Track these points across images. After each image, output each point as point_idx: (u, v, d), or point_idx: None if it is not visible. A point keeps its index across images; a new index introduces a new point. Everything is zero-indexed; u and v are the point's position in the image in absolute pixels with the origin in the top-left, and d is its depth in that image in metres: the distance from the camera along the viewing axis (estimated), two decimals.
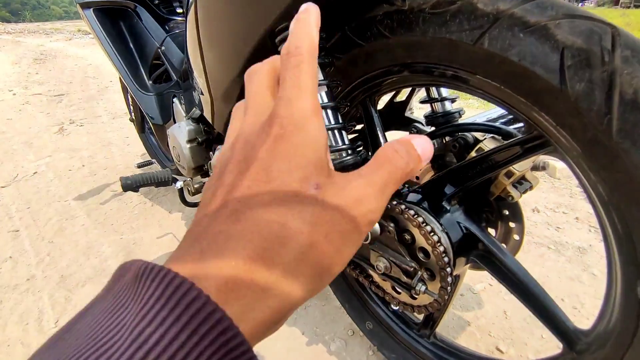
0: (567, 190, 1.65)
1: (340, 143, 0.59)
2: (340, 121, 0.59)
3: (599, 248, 1.27)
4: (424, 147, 0.25)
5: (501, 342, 0.97)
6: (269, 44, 0.59)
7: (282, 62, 0.26)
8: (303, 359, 0.99)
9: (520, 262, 0.62)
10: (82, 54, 7.88)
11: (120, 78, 1.80)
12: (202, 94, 0.91)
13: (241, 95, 0.76)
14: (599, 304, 0.53)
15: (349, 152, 0.59)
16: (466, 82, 0.53)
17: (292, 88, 0.24)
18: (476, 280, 1.18)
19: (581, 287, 1.13)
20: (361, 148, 0.61)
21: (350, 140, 0.60)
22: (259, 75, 0.28)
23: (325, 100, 0.58)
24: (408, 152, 0.25)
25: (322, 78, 0.57)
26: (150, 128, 1.80)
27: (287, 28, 0.56)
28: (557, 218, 1.47)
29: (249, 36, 0.60)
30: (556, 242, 1.33)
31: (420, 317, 0.85)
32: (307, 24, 0.26)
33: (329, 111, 0.59)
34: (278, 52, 0.59)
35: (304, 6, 0.28)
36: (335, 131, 0.59)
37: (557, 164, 1.97)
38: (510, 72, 0.45)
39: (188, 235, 0.23)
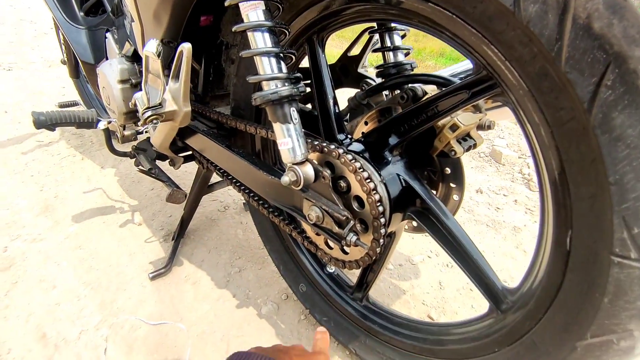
0: (510, 175, 1.71)
1: (275, 71, 0.52)
2: (278, 46, 0.52)
3: (533, 228, 1.32)
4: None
5: (433, 310, 0.98)
6: None
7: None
8: (231, 322, 0.93)
9: None
10: None
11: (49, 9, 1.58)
12: (132, 20, 0.79)
13: (173, 16, 0.66)
14: None
15: (286, 83, 0.52)
16: (418, 14, 0.48)
17: None
18: (416, 252, 1.18)
19: (513, 262, 1.16)
20: (300, 82, 0.55)
21: (289, 71, 0.53)
22: None
23: (262, 18, 0.50)
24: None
25: None
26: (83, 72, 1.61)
27: None
28: (498, 200, 1.51)
29: None
30: (494, 221, 1.36)
31: (354, 281, 0.82)
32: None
33: (266, 33, 0.51)
34: None
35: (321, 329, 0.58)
36: (271, 57, 0.52)
37: (504, 151, 2.00)
38: None
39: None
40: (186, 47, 0.58)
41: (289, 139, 0.54)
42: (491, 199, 1.52)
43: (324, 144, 0.57)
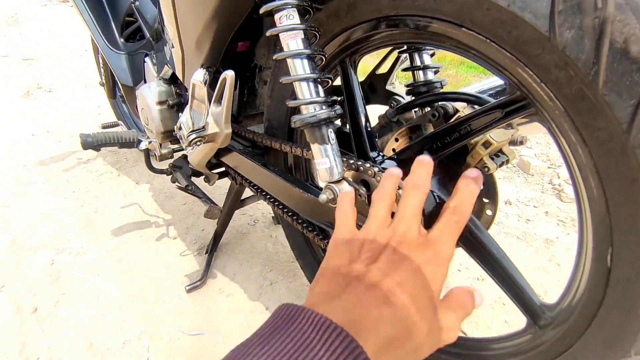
0: (539, 186, 1.68)
1: (314, 95, 0.55)
2: (316, 72, 0.55)
3: (565, 241, 1.29)
4: (479, 300, 0.37)
5: (465, 324, 0.97)
6: None
7: (446, 211, 0.40)
8: None
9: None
10: (57, 21, 7.48)
11: (90, 36, 1.69)
12: (172, 46, 0.85)
13: (213, 45, 0.71)
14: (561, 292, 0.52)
15: (323, 106, 0.55)
16: (450, 37, 0.50)
17: (448, 234, 0.37)
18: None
19: (547, 276, 1.14)
20: (337, 104, 0.58)
21: (325, 95, 0.56)
22: (420, 194, 0.40)
23: (301, 47, 0.54)
24: (472, 302, 0.36)
25: (299, 22, 0.53)
26: (121, 94, 1.71)
27: None
28: (528, 211, 1.48)
29: None
30: (525, 233, 1.34)
31: None
32: (472, 195, 0.40)
33: (305, 60, 0.55)
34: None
35: (473, 172, 0.41)
36: (310, 82, 0.55)
37: (532, 161, 1.98)
38: (498, 20, 0.42)
39: (334, 279, 0.34)
40: (229, 75, 0.62)
41: (326, 159, 0.56)
42: (521, 210, 1.49)
43: (359, 163, 0.59)
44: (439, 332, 0.32)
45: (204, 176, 1.08)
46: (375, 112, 0.87)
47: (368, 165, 0.58)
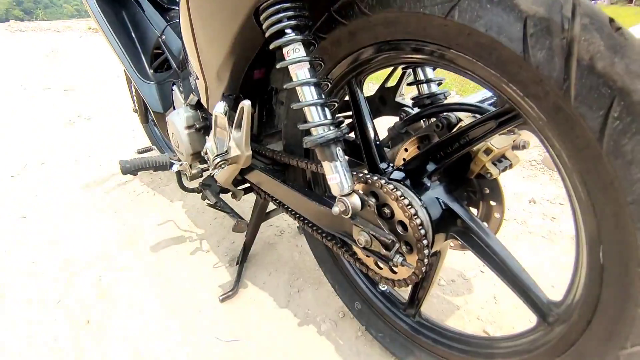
0: None
1: (322, 118, 0.61)
2: (323, 97, 0.61)
3: None
4: None
5: (489, 325, 0.99)
6: (253, 21, 0.61)
7: None
8: (293, 340, 1.01)
9: (506, 245, 0.63)
10: (91, 50, 8.00)
11: (123, 69, 1.84)
12: (197, 78, 0.93)
13: (232, 75, 0.79)
14: None
15: (331, 127, 0.61)
16: (442, 57, 0.54)
17: None
18: (468, 268, 1.19)
19: None
20: (343, 124, 0.63)
21: (332, 116, 0.62)
22: None
23: (308, 76, 0.60)
24: None
25: (305, 55, 0.59)
26: (152, 118, 1.84)
27: (270, 6, 0.58)
28: (553, 209, 1.47)
29: (235, 15, 0.62)
30: (550, 232, 1.33)
31: (406, 297, 0.86)
32: None
33: (312, 87, 0.61)
34: (262, 30, 0.61)
35: None
36: (318, 107, 0.61)
37: None
38: (479, 43, 0.46)
39: None
40: (246, 104, 0.69)
41: (336, 175, 0.62)
42: (545, 208, 1.48)
43: (368, 176, 0.64)
44: None
45: (231, 192, 1.16)
46: (385, 124, 0.92)
47: (376, 178, 0.63)
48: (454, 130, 0.67)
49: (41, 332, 1.09)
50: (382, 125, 0.98)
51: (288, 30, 0.59)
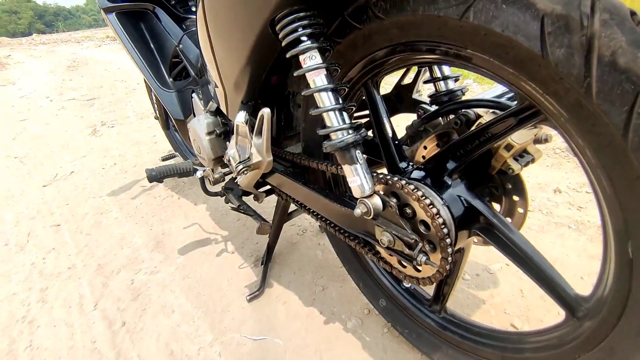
0: None
1: (341, 123, 0.62)
2: (340, 102, 0.62)
3: None
4: None
5: (516, 319, 0.98)
6: (270, 31, 0.62)
7: None
8: (320, 337, 1.03)
9: (531, 239, 0.63)
10: (110, 59, 8.23)
11: (143, 78, 1.89)
12: (216, 86, 0.96)
13: (250, 84, 0.80)
14: None
15: (350, 131, 0.62)
16: (458, 56, 0.54)
17: None
18: (493, 261, 1.18)
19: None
20: (362, 128, 0.64)
21: (350, 120, 0.63)
22: None
23: (325, 82, 0.61)
24: None
25: (321, 61, 0.61)
26: (173, 124, 1.89)
27: (285, 16, 0.59)
28: (580, 198, 1.43)
29: (252, 26, 0.63)
30: (577, 221, 1.30)
31: (431, 293, 0.87)
32: None
33: (330, 93, 0.62)
34: (279, 40, 0.63)
35: None
36: (336, 112, 0.62)
37: None
38: (496, 43, 0.46)
39: None
40: (266, 112, 0.71)
41: (357, 177, 0.63)
42: (572, 197, 1.44)
43: (388, 177, 0.65)
44: None
45: (253, 195, 1.19)
46: (404, 122, 0.92)
47: (396, 178, 0.64)
48: (473, 127, 0.67)
49: (81, 335, 1.15)
50: (401, 123, 0.99)
51: (304, 39, 0.60)
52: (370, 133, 1.05)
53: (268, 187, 1.15)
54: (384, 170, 0.77)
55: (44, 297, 1.33)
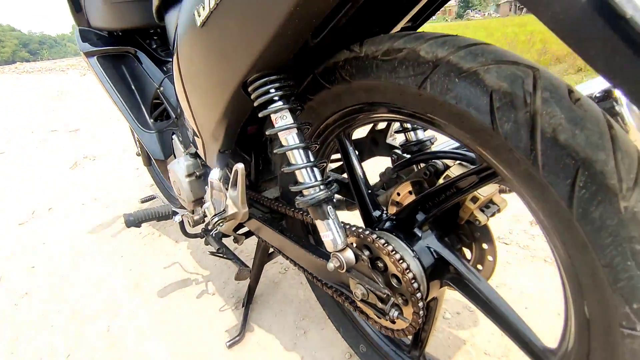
0: None
1: (312, 180, 0.64)
2: (312, 159, 0.64)
3: None
4: None
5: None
6: (242, 93, 0.65)
7: None
8: None
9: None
10: (94, 88, 8.22)
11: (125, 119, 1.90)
12: (195, 135, 0.97)
13: (227, 135, 0.82)
14: None
15: (321, 187, 0.64)
16: (420, 118, 0.57)
17: None
18: None
19: None
20: (334, 184, 0.66)
21: (322, 176, 0.64)
22: None
23: (297, 141, 0.63)
24: None
25: (292, 121, 0.63)
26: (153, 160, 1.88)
27: (257, 79, 0.62)
28: None
29: (224, 87, 0.66)
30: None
31: (410, 337, 0.87)
32: None
33: (301, 151, 0.64)
34: (252, 100, 0.65)
35: None
36: (308, 169, 0.64)
37: None
38: (452, 112, 0.49)
39: None
40: (240, 168, 0.73)
41: (329, 232, 0.64)
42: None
43: (360, 230, 0.66)
44: None
45: (233, 237, 1.18)
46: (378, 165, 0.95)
47: (367, 232, 0.65)
48: (441, 178, 0.70)
49: None
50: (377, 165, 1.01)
51: (275, 99, 0.63)
52: (345, 175, 1.08)
53: (247, 229, 1.15)
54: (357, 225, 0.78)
55: (14, 349, 1.27)
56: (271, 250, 1.25)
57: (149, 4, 1.31)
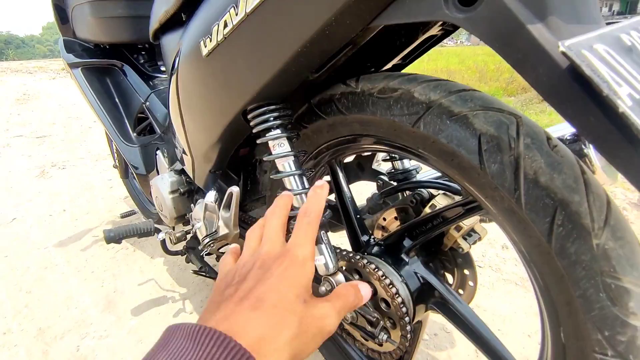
0: None
1: None
2: (307, 186, 0.67)
3: None
4: (365, 292, 0.47)
5: None
6: (242, 120, 0.67)
7: (299, 217, 0.47)
8: None
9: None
10: (65, 93, 7.95)
11: (105, 130, 1.86)
12: (184, 153, 0.98)
13: (219, 157, 0.84)
14: None
15: None
16: (411, 152, 0.61)
17: (302, 237, 0.44)
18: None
19: None
20: (327, 209, 0.68)
21: None
22: (277, 219, 0.48)
23: (293, 168, 0.65)
24: (356, 294, 0.45)
25: (290, 149, 0.65)
26: (133, 174, 1.85)
27: (257, 108, 0.64)
28: None
29: (225, 113, 0.68)
30: (523, 278, 1.40)
31: None
32: (320, 198, 0.49)
33: (296, 177, 0.66)
34: (250, 127, 0.67)
35: (319, 182, 0.51)
36: (303, 195, 0.66)
37: None
38: (443, 150, 0.53)
39: (212, 306, 0.39)
40: (235, 191, 0.74)
41: (322, 257, 0.66)
42: (517, 254, 1.56)
43: (351, 255, 0.69)
44: (312, 320, 0.38)
45: (216, 256, 1.18)
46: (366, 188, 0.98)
47: (358, 257, 0.68)
48: (427, 207, 0.74)
49: None
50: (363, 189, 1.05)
51: (274, 127, 0.65)
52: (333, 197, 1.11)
53: None
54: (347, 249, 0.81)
55: None
56: None
57: (139, 21, 1.32)
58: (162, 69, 1.47)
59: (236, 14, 0.52)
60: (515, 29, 0.38)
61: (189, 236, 1.28)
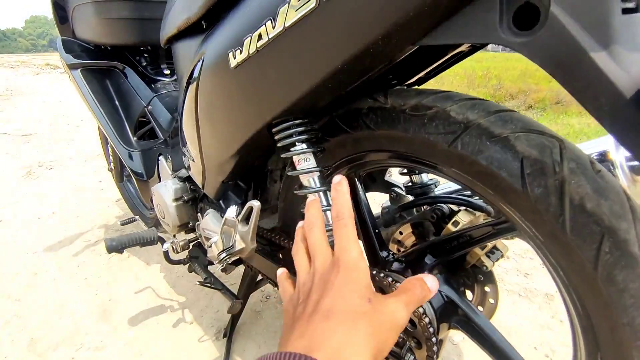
0: None
1: (331, 221, 0.64)
2: (330, 203, 0.65)
3: None
4: (432, 284, 0.45)
5: None
6: (266, 133, 0.65)
7: (334, 222, 0.47)
8: None
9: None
10: (50, 89, 7.75)
11: (99, 130, 1.81)
12: (193, 160, 0.95)
13: (235, 168, 0.81)
14: (568, 351, 0.59)
15: None
16: (442, 171, 0.60)
17: (345, 241, 0.44)
18: (455, 333, 1.22)
19: (551, 334, 1.20)
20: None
21: None
22: (317, 229, 0.48)
23: (318, 184, 0.64)
24: (422, 286, 0.44)
25: (315, 165, 0.63)
26: (129, 176, 1.80)
27: (282, 122, 0.62)
28: (525, 264, 1.56)
29: (248, 127, 0.65)
30: (526, 289, 1.41)
31: None
32: (343, 194, 0.48)
33: (322, 194, 0.64)
34: (274, 141, 0.65)
35: (336, 178, 0.50)
36: (327, 212, 0.64)
37: None
38: (481, 172, 0.52)
39: (286, 329, 0.42)
40: (256, 205, 0.72)
41: None
42: (518, 264, 1.57)
43: (375, 272, 0.67)
44: (382, 316, 0.39)
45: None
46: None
47: (382, 274, 0.66)
48: (450, 223, 0.73)
49: None
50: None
51: (299, 142, 0.63)
52: None
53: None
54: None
55: None
56: (259, 278, 1.23)
57: (144, 23, 1.28)
58: (166, 72, 1.44)
59: (273, 28, 0.50)
60: (578, 57, 0.37)
61: (191, 244, 1.25)
